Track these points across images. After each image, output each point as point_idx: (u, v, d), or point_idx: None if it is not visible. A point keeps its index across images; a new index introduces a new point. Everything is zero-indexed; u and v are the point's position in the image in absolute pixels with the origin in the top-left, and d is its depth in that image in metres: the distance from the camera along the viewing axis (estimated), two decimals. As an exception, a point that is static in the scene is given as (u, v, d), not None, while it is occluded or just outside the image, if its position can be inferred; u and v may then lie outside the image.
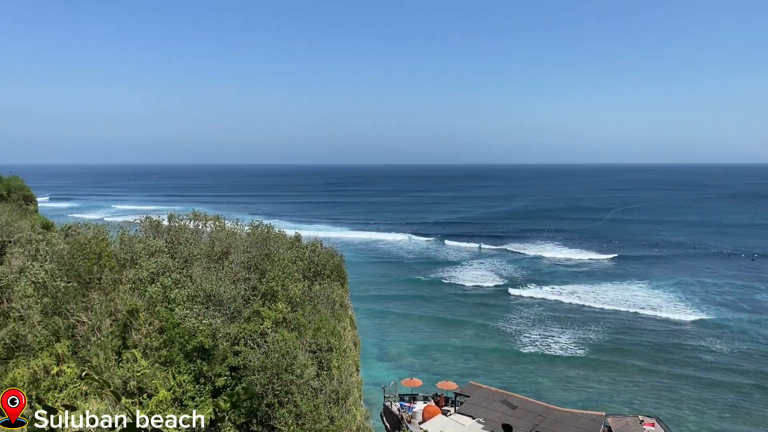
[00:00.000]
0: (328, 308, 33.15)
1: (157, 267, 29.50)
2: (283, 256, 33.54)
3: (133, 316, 25.94)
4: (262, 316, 28.56)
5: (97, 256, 29.19)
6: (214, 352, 25.64)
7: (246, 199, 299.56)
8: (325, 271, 37.59)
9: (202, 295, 27.87)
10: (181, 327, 25.22)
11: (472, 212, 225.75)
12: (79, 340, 26.15)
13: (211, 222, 39.01)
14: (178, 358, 24.78)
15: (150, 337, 25.50)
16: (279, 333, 27.13)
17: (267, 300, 30.03)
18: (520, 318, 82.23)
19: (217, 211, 49.65)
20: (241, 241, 36.39)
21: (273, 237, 37.65)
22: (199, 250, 33.48)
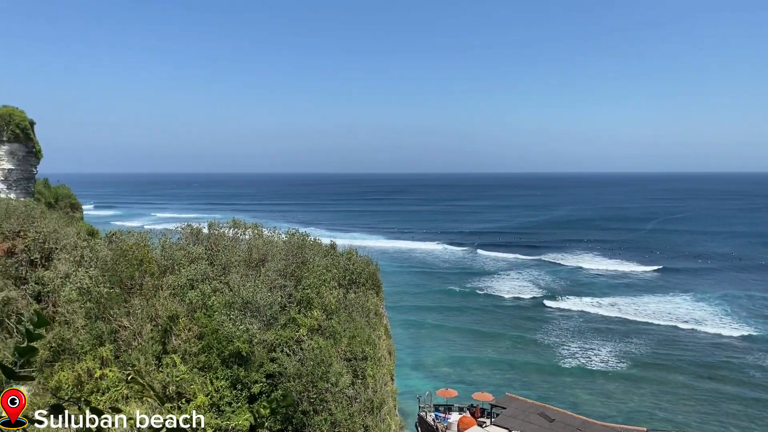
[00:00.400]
0: (363, 317, 33.14)
1: (196, 273, 30.06)
2: (318, 264, 33.78)
3: (173, 321, 26.46)
4: (297, 323, 28.76)
5: (138, 262, 29.93)
6: (250, 358, 25.92)
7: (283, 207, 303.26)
8: (360, 280, 37.63)
9: (239, 302, 28.25)
10: (219, 333, 25.59)
11: (509, 221, 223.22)
12: (121, 345, 26.82)
13: (249, 230, 39.56)
14: (216, 363, 25.14)
15: (189, 343, 25.96)
16: (314, 340, 27.25)
17: (302, 307, 30.23)
18: (559, 330, 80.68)
19: (255, 219, 50.36)
20: (277, 248, 36.83)
21: (309, 245, 37.98)
22: (237, 258, 33.99)
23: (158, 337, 26.36)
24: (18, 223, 35.05)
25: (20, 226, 34.90)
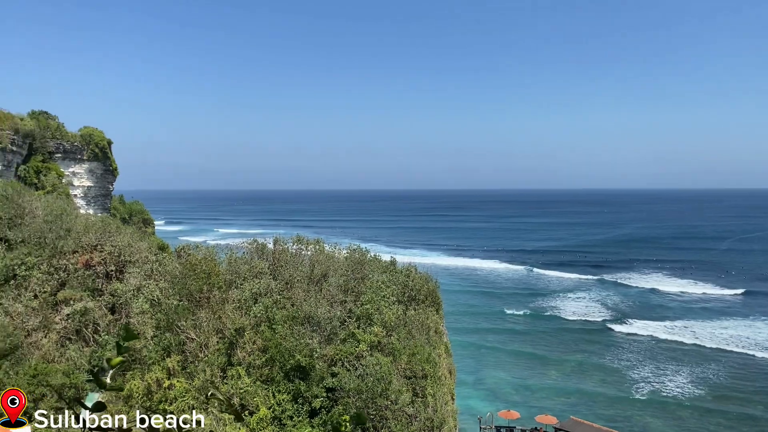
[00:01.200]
0: (422, 334, 32.92)
1: (261, 288, 30.75)
2: (378, 280, 33.91)
3: (239, 334, 27.10)
4: (357, 339, 28.85)
5: (206, 276, 30.92)
6: (311, 372, 26.16)
7: (345, 223, 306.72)
8: (420, 297, 37.48)
9: (301, 316, 28.67)
10: (282, 346, 26.00)
11: (573, 239, 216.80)
12: (188, 356, 27.68)
13: (311, 246, 40.22)
14: (279, 377, 25.51)
15: (253, 356, 26.49)
16: (374, 357, 27.24)
17: (362, 323, 30.33)
18: (627, 354, 77.22)
19: (317, 235, 51.15)
20: (338, 264, 37.27)
21: (369, 261, 38.25)
22: (300, 273, 34.59)
23: (224, 350, 27.05)
24: (95, 238, 36.96)
25: (97, 240, 36.79)
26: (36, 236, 35.97)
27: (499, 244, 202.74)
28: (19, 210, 38.25)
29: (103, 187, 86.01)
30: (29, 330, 31.40)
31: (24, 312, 31.82)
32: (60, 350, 31.30)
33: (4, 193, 40.44)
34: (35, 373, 27.66)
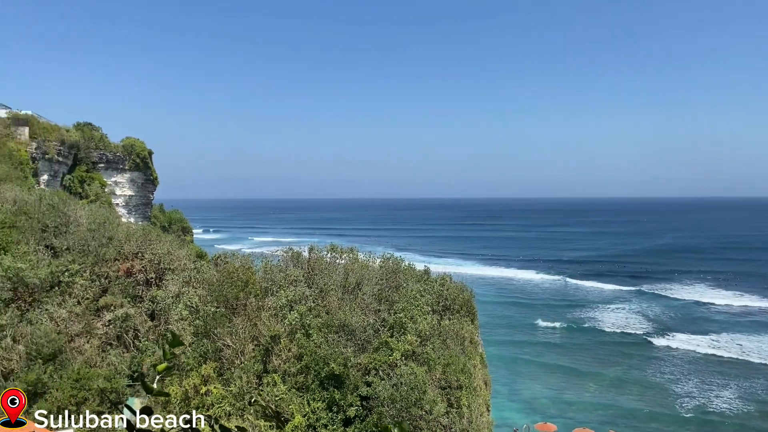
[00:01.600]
0: (457, 344, 32.65)
1: (296, 295, 31.01)
2: (412, 289, 33.81)
3: (275, 341, 27.35)
4: (390, 348, 28.78)
5: (243, 283, 31.35)
6: (345, 380, 26.19)
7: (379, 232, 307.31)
8: (455, 306, 37.20)
9: (336, 324, 28.77)
10: (317, 354, 26.12)
11: (611, 249, 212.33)
12: (224, 363, 28.05)
13: (345, 254, 40.40)
14: (314, 385, 25.62)
15: (288, 363, 26.68)
16: (408, 366, 27.12)
17: (395, 332, 30.26)
18: (669, 368, 74.94)
19: (351, 244, 51.42)
20: (372, 273, 37.33)
21: (403, 270, 38.19)
22: (334, 281, 34.77)
23: (259, 357, 27.33)
24: (136, 246, 37.89)
25: (138, 248, 37.70)
26: (80, 244, 37.06)
27: (534, 254, 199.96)
28: (64, 218, 39.50)
29: (144, 196, 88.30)
30: (72, 335, 32.31)
31: (67, 318, 32.77)
32: (101, 355, 32.11)
33: (51, 202, 41.83)
34: (78, 377, 28.42)
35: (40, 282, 33.54)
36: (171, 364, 2.78)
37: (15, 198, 41.90)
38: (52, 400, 27.41)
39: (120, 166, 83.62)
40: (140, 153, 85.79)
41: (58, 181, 70.53)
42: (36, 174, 64.22)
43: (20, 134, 63.28)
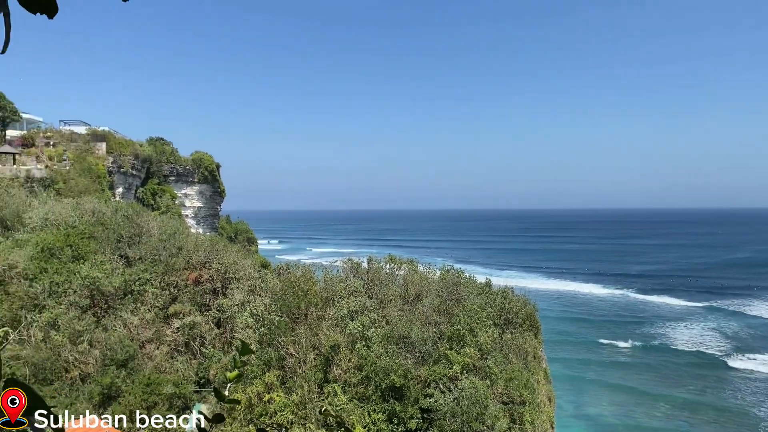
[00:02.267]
0: (520, 359, 31.94)
1: (356, 306, 31.23)
2: (473, 302, 33.40)
3: (335, 351, 27.60)
4: (450, 360, 28.47)
5: (304, 293, 31.87)
6: (406, 392, 26.08)
7: (439, 243, 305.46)
8: (517, 320, 36.44)
9: (396, 336, 28.75)
10: (377, 365, 26.16)
11: (682, 262, 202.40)
12: (287, 371, 28.53)
13: (405, 265, 40.40)
14: (374, 396, 25.65)
15: (349, 373, 26.85)
16: (469, 380, 26.73)
17: (455, 344, 29.92)
18: (749, 390, 70.25)
19: (410, 255, 51.30)
20: (432, 285, 37.13)
21: (463, 282, 37.78)
22: (393, 292, 34.81)
23: (320, 366, 27.63)
24: (204, 255, 39.23)
25: (206, 258, 39.03)
26: (152, 254, 38.74)
27: (601, 267, 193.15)
28: (137, 229, 41.41)
29: (212, 208, 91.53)
30: (143, 341, 33.74)
31: (139, 324, 34.26)
32: (169, 361, 33.35)
33: (126, 213, 43.99)
34: (149, 382, 29.61)
35: (115, 290, 35.27)
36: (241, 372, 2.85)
37: (93, 209, 44.35)
38: (125, 404, 28.64)
39: (189, 179, 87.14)
40: (208, 166, 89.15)
41: (132, 194, 74.17)
42: (112, 187, 67.75)
43: (98, 149, 67.02)
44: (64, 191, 55.75)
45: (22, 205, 44.37)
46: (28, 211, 43.28)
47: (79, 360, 30.79)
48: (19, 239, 38.02)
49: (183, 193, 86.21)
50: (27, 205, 45.00)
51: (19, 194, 48.23)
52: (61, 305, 33.13)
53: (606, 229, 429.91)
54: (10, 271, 33.68)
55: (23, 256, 35.12)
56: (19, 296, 32.63)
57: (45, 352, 29.67)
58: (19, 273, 34.04)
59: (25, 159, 58.43)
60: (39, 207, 44.31)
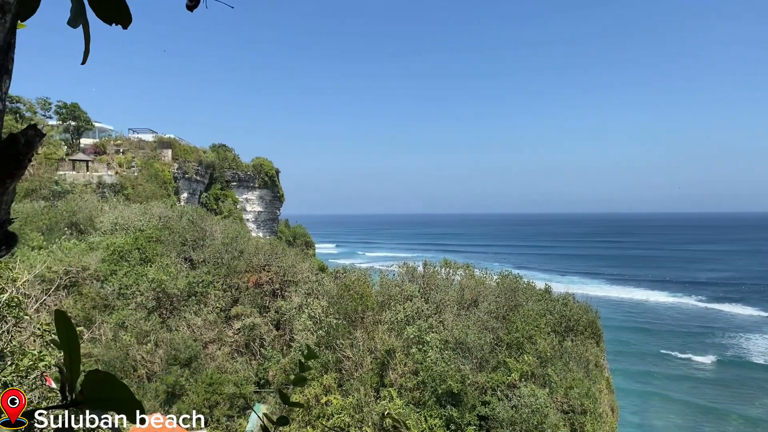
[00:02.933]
0: (581, 367, 31.05)
1: (412, 310, 31.19)
2: (531, 308, 32.76)
3: (391, 355, 27.64)
4: (509, 368, 27.99)
5: (359, 297, 32.10)
6: (463, 399, 25.82)
7: (496, 248, 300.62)
8: (578, 327, 35.46)
9: (452, 341, 28.52)
10: (433, 370, 26.02)
11: (757, 269, 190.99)
12: (344, 374, 28.79)
13: (461, 270, 40.08)
14: (430, 401, 25.52)
15: (405, 378, 26.83)
16: (529, 387, 26.19)
17: (513, 351, 29.39)
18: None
19: (467, 260, 50.79)
20: (489, 290, 36.64)
21: (522, 288, 37.10)
22: (449, 297, 34.56)
23: (377, 370, 27.73)
24: (264, 259, 40.18)
25: (266, 261, 39.96)
26: (214, 257, 40.02)
27: (666, 274, 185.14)
28: (201, 233, 42.87)
29: (272, 212, 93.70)
30: (206, 342, 34.84)
31: (202, 326, 35.42)
32: (230, 362, 34.29)
33: (191, 218, 45.63)
34: (211, 382, 30.55)
35: (179, 292, 36.62)
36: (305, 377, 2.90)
37: (160, 214, 46.23)
38: (189, 402, 29.65)
39: (250, 184, 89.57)
40: (268, 172, 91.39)
41: (196, 199, 76.85)
42: (177, 192, 70.42)
43: (164, 156, 69.86)
44: (132, 196, 58.37)
45: (95, 210, 46.76)
46: (100, 215, 45.58)
47: (145, 359, 32.12)
48: (91, 242, 40.05)
49: (244, 197, 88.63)
50: (99, 209, 47.40)
51: (91, 199, 50.88)
52: (129, 306, 34.66)
53: (670, 234, 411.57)
54: (83, 272, 35.52)
55: (95, 258, 36.97)
56: (91, 297, 34.36)
57: (115, 351, 31.10)
58: (91, 275, 35.86)
59: (97, 166, 61.55)
60: (109, 212, 46.61)
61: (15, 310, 11.08)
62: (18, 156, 1.42)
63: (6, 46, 1.47)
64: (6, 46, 1.47)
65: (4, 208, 1.47)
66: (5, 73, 1.49)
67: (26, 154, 1.43)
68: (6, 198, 1.47)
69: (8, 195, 1.48)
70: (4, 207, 1.47)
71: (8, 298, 11.02)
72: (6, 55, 1.48)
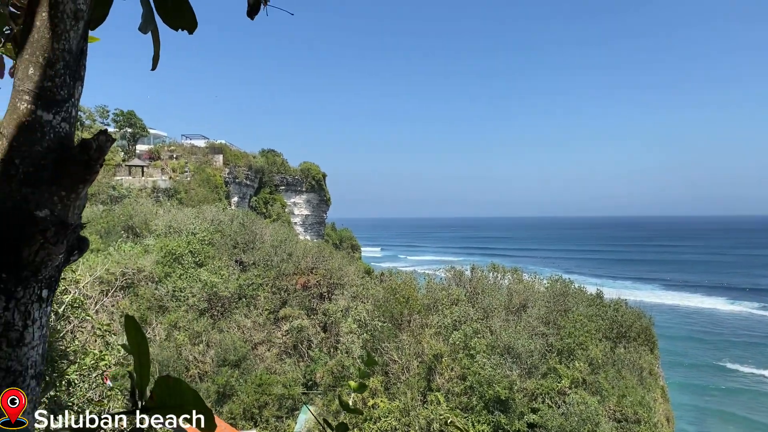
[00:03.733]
0: (634, 374, 30.08)
1: (459, 315, 30.93)
2: (581, 314, 31.98)
3: (438, 360, 27.47)
4: (559, 374, 27.37)
5: (405, 300, 32.04)
6: (511, 405, 25.40)
7: (545, 252, 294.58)
8: (631, 334, 34.37)
9: (500, 347, 28.12)
10: (481, 375, 25.71)
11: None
12: (391, 377, 28.76)
13: (509, 274, 39.54)
14: (478, 407, 25.21)
15: (452, 383, 26.60)
16: (579, 395, 25.55)
17: (563, 357, 28.73)
18: None
19: (515, 264, 49.97)
20: (538, 294, 35.99)
21: (572, 293, 36.29)
22: (497, 302, 34.11)
23: (424, 374, 27.60)
24: (312, 261, 40.65)
25: (313, 264, 40.42)
26: (264, 259, 40.74)
27: (726, 280, 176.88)
28: (252, 236, 43.73)
29: (318, 216, 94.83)
30: (255, 343, 35.46)
31: (252, 327, 36.08)
32: (279, 363, 34.77)
33: (242, 221, 46.63)
34: (260, 383, 31.04)
35: (230, 294, 37.44)
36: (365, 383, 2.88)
37: (212, 218, 47.42)
38: (239, 402, 30.21)
39: (298, 188, 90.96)
40: (315, 176, 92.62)
41: (246, 202, 78.52)
42: (228, 196, 72.14)
43: (216, 161, 71.74)
44: (185, 200, 60.11)
45: (149, 214, 48.37)
46: (154, 219, 47.10)
47: (197, 359, 32.92)
48: (146, 245, 41.42)
49: (292, 201, 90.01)
50: (153, 213, 49.01)
51: (146, 203, 52.67)
52: (182, 308, 35.64)
53: (732, 238, 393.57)
54: (139, 274, 36.76)
55: (150, 260, 38.20)
56: (147, 298, 35.51)
57: (168, 351, 31.99)
58: (146, 276, 37.07)
59: (152, 171, 63.70)
60: (163, 215, 48.10)
61: (78, 311, 11.53)
62: (90, 161, 1.44)
63: (79, 53, 1.50)
64: (79, 52, 1.50)
65: (76, 213, 1.49)
66: (78, 80, 1.52)
67: (98, 159, 1.45)
68: (79, 203, 1.50)
69: (81, 200, 1.50)
70: (76, 212, 1.50)
71: (71, 299, 11.48)
72: (79, 62, 1.51)
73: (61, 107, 1.47)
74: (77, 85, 1.51)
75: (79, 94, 1.53)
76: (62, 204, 1.43)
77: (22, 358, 1.41)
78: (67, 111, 1.49)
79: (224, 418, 28.59)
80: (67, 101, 1.48)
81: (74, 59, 1.49)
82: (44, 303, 1.43)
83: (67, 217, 1.44)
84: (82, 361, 9.88)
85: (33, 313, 1.40)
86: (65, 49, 1.46)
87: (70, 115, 1.50)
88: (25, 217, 1.36)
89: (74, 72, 1.49)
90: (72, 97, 1.50)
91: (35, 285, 1.40)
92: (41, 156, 1.41)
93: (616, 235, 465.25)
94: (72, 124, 1.51)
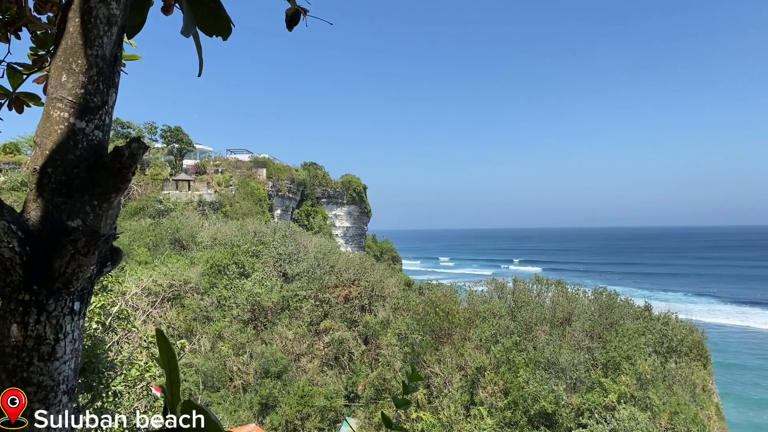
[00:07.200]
0: (686, 391, 28.87)
1: (500, 328, 30.39)
2: (628, 327, 30.97)
3: (480, 373, 27.01)
4: (605, 389, 26.49)
5: (445, 313, 31.69)
6: (557, 420, 24.70)
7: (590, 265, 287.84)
8: (682, 348, 33.05)
9: (544, 361, 27.45)
10: (525, 390, 25.13)
11: None
12: (433, 391, 28.42)
13: (552, 286, 38.68)
14: (522, 421, 24.63)
15: (495, 397, 26.09)
16: (628, 410, 24.65)
17: (609, 371, 27.81)
18: None
19: (559, 276, 48.89)
20: (583, 307, 35.06)
21: (618, 305, 35.21)
22: (540, 315, 33.38)
23: (467, 387, 27.17)
24: (354, 274, 40.73)
25: (355, 276, 40.49)
26: (308, 271, 41.05)
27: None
28: (295, 248, 44.18)
29: (359, 228, 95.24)
30: (297, 355, 35.65)
31: (293, 339, 36.30)
32: (320, 375, 34.84)
33: (285, 233, 47.21)
34: (303, 394, 31.14)
35: (273, 305, 37.83)
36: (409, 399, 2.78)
37: (256, 230, 48.14)
38: (282, 414, 30.35)
39: (339, 201, 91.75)
40: (356, 188, 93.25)
41: (288, 215, 79.57)
42: (271, 209, 73.24)
43: (259, 174, 73.06)
44: (230, 213, 61.28)
45: (195, 227, 49.47)
46: (200, 231, 48.13)
47: (241, 370, 33.29)
48: (192, 257, 42.31)
49: (333, 213, 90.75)
50: (199, 226, 50.09)
51: (192, 216, 53.90)
52: (226, 318, 36.18)
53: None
54: (185, 285, 37.54)
55: (196, 272, 38.99)
56: (192, 309, 36.21)
57: (213, 362, 32.47)
58: (192, 288, 37.84)
59: (198, 185, 65.27)
60: (209, 228, 49.09)
61: (124, 323, 11.79)
62: (122, 169, 1.40)
63: (113, 59, 1.47)
64: (113, 59, 1.47)
65: (109, 222, 1.46)
66: (112, 87, 1.49)
67: (130, 167, 1.41)
68: (111, 212, 1.46)
69: (114, 209, 1.47)
70: (109, 221, 1.46)
71: (118, 311, 11.75)
72: (113, 68, 1.48)
73: (95, 115, 1.44)
74: (111, 93, 1.49)
75: (113, 101, 1.51)
76: (94, 213, 1.39)
77: (53, 373, 1.38)
78: (101, 119, 1.46)
79: (266, 428, 28.76)
80: (100, 108, 1.45)
81: (108, 66, 1.46)
82: (76, 316, 1.39)
83: (99, 227, 1.40)
84: (129, 372, 10.06)
85: (65, 326, 1.37)
86: (98, 55, 1.43)
87: (104, 123, 1.47)
88: (57, 227, 1.32)
89: (108, 79, 1.47)
90: (106, 104, 1.47)
91: (67, 297, 1.36)
92: (74, 165, 1.38)
93: (665, 246, 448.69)
94: (105, 132, 1.48)
